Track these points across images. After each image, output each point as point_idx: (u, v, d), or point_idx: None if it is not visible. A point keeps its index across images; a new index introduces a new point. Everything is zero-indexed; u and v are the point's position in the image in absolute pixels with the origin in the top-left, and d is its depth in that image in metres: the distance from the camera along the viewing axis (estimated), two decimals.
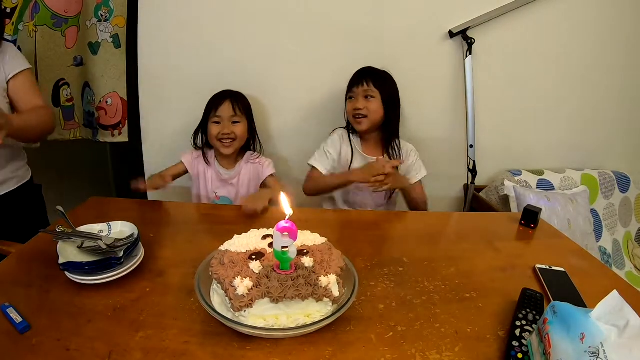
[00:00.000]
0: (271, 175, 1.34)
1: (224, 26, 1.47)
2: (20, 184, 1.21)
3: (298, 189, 1.38)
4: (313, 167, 1.35)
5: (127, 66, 1.49)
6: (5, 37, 1.36)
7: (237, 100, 1.31)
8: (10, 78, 1.15)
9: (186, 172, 1.34)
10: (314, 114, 1.46)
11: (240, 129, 1.29)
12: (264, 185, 1.34)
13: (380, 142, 1.37)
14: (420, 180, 1.37)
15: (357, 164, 1.35)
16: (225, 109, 1.28)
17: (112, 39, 1.44)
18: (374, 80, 1.29)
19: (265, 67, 1.50)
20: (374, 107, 1.28)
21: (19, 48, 1.44)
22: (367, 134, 1.36)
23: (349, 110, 1.34)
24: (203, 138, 1.36)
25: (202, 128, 1.35)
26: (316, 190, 1.35)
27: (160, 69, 1.49)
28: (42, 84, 1.42)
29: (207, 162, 1.34)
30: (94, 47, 1.44)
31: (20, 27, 1.41)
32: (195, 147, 1.37)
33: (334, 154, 1.36)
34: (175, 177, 1.31)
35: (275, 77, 1.52)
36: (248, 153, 1.38)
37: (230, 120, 1.28)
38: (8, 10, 1.37)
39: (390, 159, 1.32)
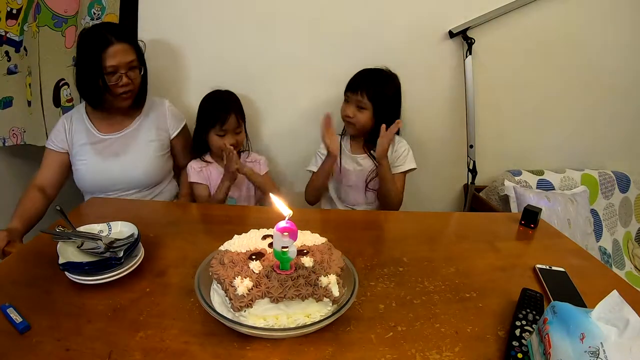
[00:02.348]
0: (266, 172, 1.41)
1: (224, 27, 1.46)
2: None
3: (290, 191, 1.37)
4: (312, 173, 1.39)
5: None
6: (10, 38, 1.42)
7: (238, 110, 1.32)
8: (174, 137, 1.35)
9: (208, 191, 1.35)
10: (312, 116, 1.45)
11: (242, 137, 1.34)
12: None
13: (368, 144, 1.37)
14: (404, 176, 1.37)
15: (345, 164, 1.38)
16: (232, 123, 1.29)
17: None
18: (369, 92, 1.28)
19: (265, 68, 1.50)
20: (363, 119, 1.30)
21: (24, 49, 1.45)
22: (357, 136, 1.39)
23: (341, 111, 1.36)
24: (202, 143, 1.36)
25: (200, 135, 1.34)
26: (314, 190, 1.39)
27: (160, 69, 1.49)
28: (43, 84, 1.42)
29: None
30: None
31: (25, 27, 1.42)
32: (196, 155, 1.38)
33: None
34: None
35: (274, 79, 1.52)
36: (243, 155, 1.40)
37: (234, 132, 1.30)
38: (14, 12, 1.38)
39: (374, 158, 1.32)
